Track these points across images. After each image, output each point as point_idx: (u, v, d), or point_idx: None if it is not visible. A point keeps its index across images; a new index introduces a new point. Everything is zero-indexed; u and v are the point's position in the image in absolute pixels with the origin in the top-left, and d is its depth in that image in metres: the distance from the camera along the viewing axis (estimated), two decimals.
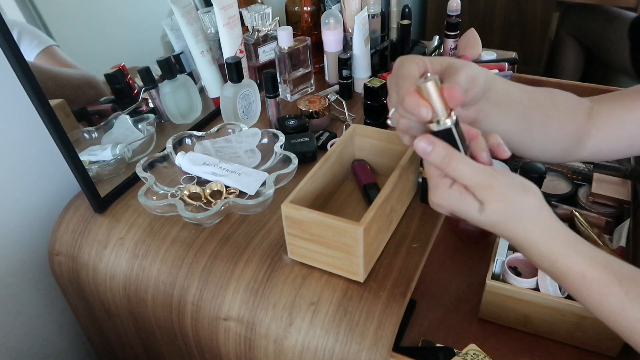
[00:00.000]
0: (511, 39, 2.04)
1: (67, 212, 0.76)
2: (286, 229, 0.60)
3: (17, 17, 0.68)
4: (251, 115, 0.91)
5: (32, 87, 0.63)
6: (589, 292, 0.45)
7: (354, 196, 0.72)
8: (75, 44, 0.77)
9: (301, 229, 0.58)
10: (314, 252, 0.60)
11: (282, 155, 0.75)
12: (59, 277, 0.77)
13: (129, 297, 0.70)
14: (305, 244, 0.60)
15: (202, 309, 0.64)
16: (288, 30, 0.93)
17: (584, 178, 1.00)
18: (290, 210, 0.57)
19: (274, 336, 0.59)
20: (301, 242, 0.60)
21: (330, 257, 0.59)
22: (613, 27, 1.73)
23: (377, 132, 0.71)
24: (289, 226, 0.59)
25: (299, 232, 0.59)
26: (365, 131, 0.72)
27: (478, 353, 0.70)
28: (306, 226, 0.58)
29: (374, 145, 0.72)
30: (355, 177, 0.73)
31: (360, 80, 1.00)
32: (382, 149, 0.72)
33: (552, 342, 0.73)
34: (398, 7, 1.08)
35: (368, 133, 0.72)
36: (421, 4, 2.17)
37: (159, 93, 0.87)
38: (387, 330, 0.55)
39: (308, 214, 0.56)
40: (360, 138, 0.73)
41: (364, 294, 0.59)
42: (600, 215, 0.89)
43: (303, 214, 0.57)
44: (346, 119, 0.92)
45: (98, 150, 0.77)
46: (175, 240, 0.68)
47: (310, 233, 0.58)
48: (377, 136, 0.71)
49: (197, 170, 0.74)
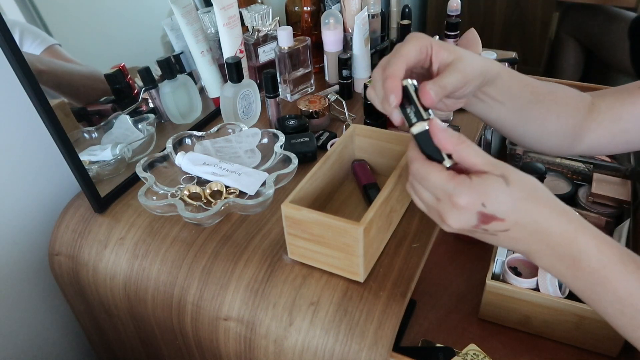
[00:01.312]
0: (511, 39, 2.04)
1: (67, 212, 0.76)
2: (286, 229, 0.60)
3: (17, 17, 0.68)
4: (251, 115, 0.91)
5: (32, 87, 0.63)
6: (607, 271, 0.43)
7: (353, 196, 0.72)
8: (75, 44, 0.77)
9: (301, 229, 0.58)
10: (314, 252, 0.60)
11: (282, 155, 0.75)
12: (59, 277, 0.77)
13: (129, 297, 0.70)
14: (306, 244, 0.60)
15: (202, 309, 0.64)
16: (288, 30, 0.93)
17: (584, 178, 1.00)
18: (290, 210, 0.57)
19: (274, 336, 0.59)
20: (301, 242, 0.60)
21: (331, 257, 0.59)
22: (613, 27, 1.73)
23: (377, 132, 0.71)
24: (289, 226, 0.59)
25: (299, 232, 0.59)
26: (365, 131, 0.72)
27: (478, 353, 0.70)
28: (306, 226, 0.58)
29: (374, 145, 0.72)
30: (355, 177, 0.73)
31: (360, 80, 1.00)
32: (382, 149, 0.72)
33: (552, 342, 0.73)
34: (398, 7, 1.08)
35: (368, 133, 0.72)
36: (421, 4, 2.17)
37: (159, 93, 0.87)
38: (387, 330, 0.55)
39: (308, 214, 0.56)
40: (360, 138, 0.73)
41: (364, 294, 0.59)
42: (600, 215, 0.89)
43: (303, 214, 0.57)
44: (346, 119, 0.92)
45: (98, 150, 0.77)
46: (175, 240, 0.68)
47: (310, 233, 0.58)
48: (377, 136, 0.71)
49: (197, 170, 0.74)
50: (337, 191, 0.72)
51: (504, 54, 1.11)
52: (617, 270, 0.43)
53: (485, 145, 1.07)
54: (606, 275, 0.43)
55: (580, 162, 1.01)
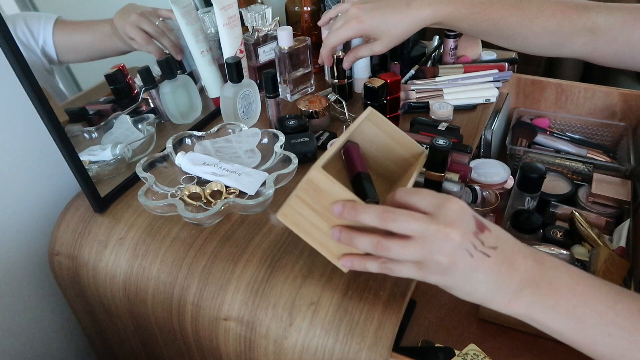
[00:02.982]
0: None
1: (67, 212, 0.76)
2: (299, 191, 0.53)
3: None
4: (251, 115, 0.91)
5: (32, 87, 0.63)
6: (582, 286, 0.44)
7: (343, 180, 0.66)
8: None
9: (317, 199, 0.52)
10: (313, 225, 0.55)
11: (282, 155, 0.75)
12: (59, 277, 0.77)
13: (129, 297, 0.70)
14: (310, 214, 0.54)
15: (202, 309, 0.64)
16: (288, 30, 0.93)
17: (584, 178, 1.00)
18: (321, 177, 0.51)
19: (274, 336, 0.59)
20: (307, 210, 0.54)
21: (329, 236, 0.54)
22: None
23: (390, 127, 0.66)
24: (305, 191, 0.52)
25: (312, 202, 0.53)
26: (380, 120, 0.66)
27: (478, 353, 0.70)
28: (327, 199, 0.52)
29: (380, 138, 0.67)
30: (347, 161, 0.66)
31: (360, 80, 1.00)
32: (384, 146, 0.68)
33: (552, 342, 0.73)
34: None
35: (381, 123, 0.66)
36: None
37: (159, 93, 0.87)
38: (387, 330, 0.55)
39: (339, 189, 0.51)
40: (369, 124, 0.67)
41: (364, 294, 0.59)
42: (600, 216, 0.89)
43: (333, 187, 0.51)
44: (346, 119, 0.92)
45: (98, 150, 0.77)
46: (175, 240, 0.68)
47: (323, 206, 0.53)
48: (388, 131, 0.66)
49: (197, 170, 0.74)
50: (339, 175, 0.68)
51: (504, 54, 1.11)
52: (593, 282, 0.44)
53: (485, 145, 1.07)
54: (581, 290, 0.44)
55: (580, 162, 1.01)
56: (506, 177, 0.93)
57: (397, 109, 0.89)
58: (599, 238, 0.80)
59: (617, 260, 0.75)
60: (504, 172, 0.93)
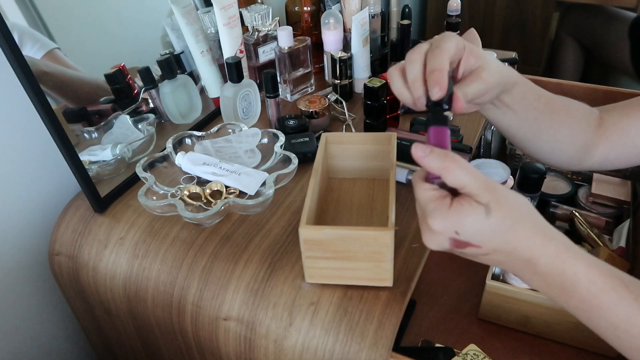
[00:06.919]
0: (511, 39, 2.04)
1: (67, 212, 0.76)
2: (305, 253, 0.56)
3: (17, 17, 0.68)
4: (251, 115, 0.91)
5: (33, 88, 0.63)
6: (598, 300, 0.43)
7: (341, 206, 0.69)
8: (75, 44, 0.77)
9: (322, 249, 0.55)
10: (337, 269, 0.57)
11: (282, 155, 0.75)
12: (59, 277, 0.77)
13: (129, 297, 0.70)
14: (328, 263, 0.57)
15: (202, 309, 0.64)
16: (288, 30, 0.93)
17: (584, 178, 1.00)
18: (311, 232, 0.54)
19: (274, 336, 0.59)
20: (323, 262, 0.57)
21: (357, 270, 0.57)
22: (613, 27, 1.73)
23: (346, 137, 0.70)
24: (308, 249, 0.56)
25: (320, 253, 0.56)
26: (335, 138, 0.70)
27: (478, 353, 0.70)
28: (329, 245, 0.55)
29: (347, 149, 0.70)
30: None
31: (360, 80, 1.00)
32: (355, 152, 0.70)
33: (552, 342, 0.73)
34: (398, 7, 1.08)
35: (338, 139, 0.70)
36: (421, 4, 2.17)
37: (159, 93, 0.87)
38: (387, 330, 0.55)
39: (332, 232, 0.54)
40: (332, 146, 0.70)
41: (364, 294, 0.59)
42: (600, 216, 0.89)
43: (326, 233, 0.54)
44: (346, 119, 0.92)
45: (98, 150, 0.77)
46: (175, 240, 0.68)
47: (333, 251, 0.55)
48: (347, 140, 0.69)
49: (197, 170, 0.74)
50: (325, 204, 0.70)
51: (504, 54, 1.11)
52: (608, 298, 0.43)
53: (485, 145, 1.07)
54: (598, 304, 0.43)
55: None
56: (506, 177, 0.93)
57: (397, 109, 0.89)
58: (599, 238, 0.80)
59: (617, 260, 0.75)
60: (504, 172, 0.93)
